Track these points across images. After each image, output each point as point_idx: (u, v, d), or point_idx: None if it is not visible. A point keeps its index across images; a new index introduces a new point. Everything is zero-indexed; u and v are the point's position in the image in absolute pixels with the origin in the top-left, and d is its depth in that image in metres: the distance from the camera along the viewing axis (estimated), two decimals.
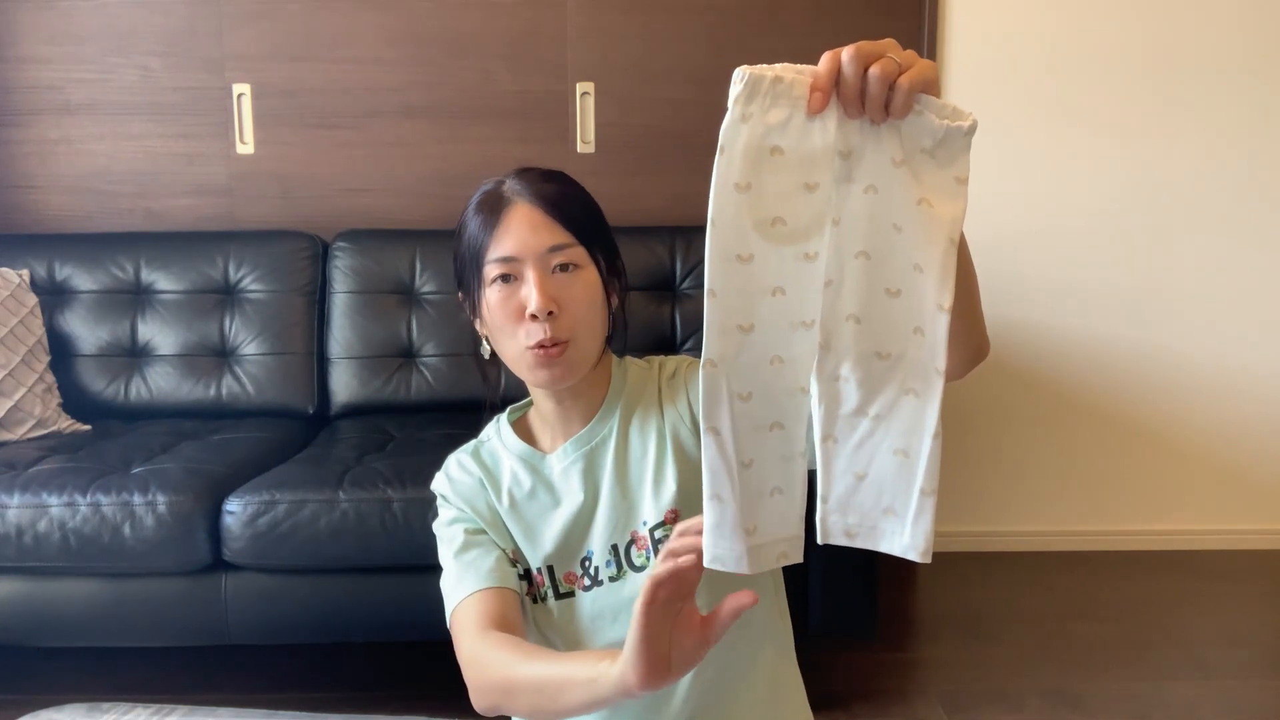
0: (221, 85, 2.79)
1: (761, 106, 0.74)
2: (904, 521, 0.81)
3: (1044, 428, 2.99)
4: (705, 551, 0.82)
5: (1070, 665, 2.34)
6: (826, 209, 0.77)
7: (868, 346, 0.80)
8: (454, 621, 1.09)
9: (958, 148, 0.75)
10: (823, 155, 0.76)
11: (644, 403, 1.14)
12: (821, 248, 0.78)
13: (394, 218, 2.80)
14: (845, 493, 0.82)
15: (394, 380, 2.58)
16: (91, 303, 2.61)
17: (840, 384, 0.81)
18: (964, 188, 0.76)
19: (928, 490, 0.80)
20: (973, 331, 0.89)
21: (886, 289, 0.78)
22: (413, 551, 1.99)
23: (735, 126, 0.75)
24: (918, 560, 0.81)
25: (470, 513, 1.14)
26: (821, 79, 0.73)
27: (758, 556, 0.83)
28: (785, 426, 0.82)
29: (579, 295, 1.06)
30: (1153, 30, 2.81)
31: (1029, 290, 2.89)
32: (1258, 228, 2.90)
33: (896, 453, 0.80)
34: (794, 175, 0.76)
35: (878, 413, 0.80)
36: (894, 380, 0.80)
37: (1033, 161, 2.86)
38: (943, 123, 0.75)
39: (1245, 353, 2.95)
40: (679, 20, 2.77)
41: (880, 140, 0.76)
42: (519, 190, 1.07)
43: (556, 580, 1.13)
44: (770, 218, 0.77)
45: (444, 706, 1.55)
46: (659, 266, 2.61)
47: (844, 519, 0.82)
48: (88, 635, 2.11)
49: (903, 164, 0.76)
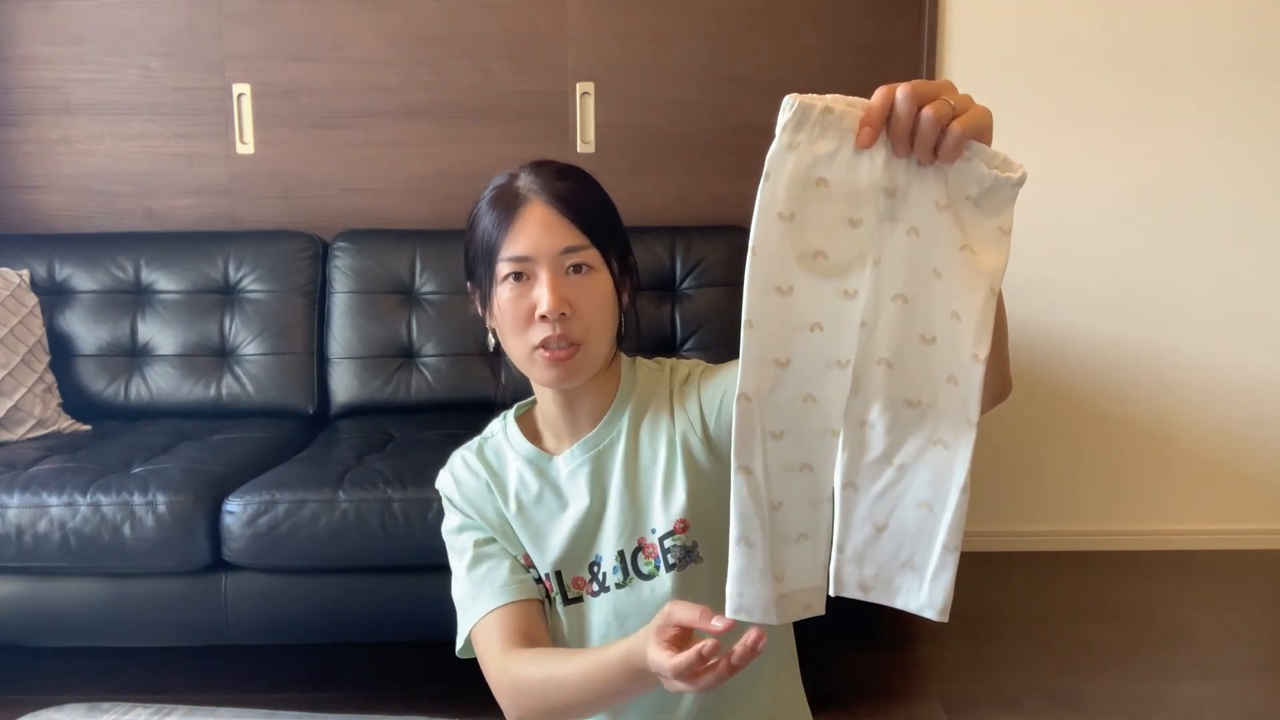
0: (221, 85, 2.78)
1: (810, 136, 0.72)
2: (923, 577, 0.78)
3: (1044, 428, 2.99)
4: (729, 601, 0.78)
5: (1070, 665, 2.34)
6: (869, 247, 0.75)
7: (898, 393, 0.77)
8: (475, 640, 1.09)
9: (1004, 198, 0.74)
10: (868, 191, 0.74)
11: (655, 406, 1.12)
12: (861, 285, 0.75)
13: (394, 218, 2.80)
14: (863, 543, 0.79)
15: (394, 380, 2.58)
16: (91, 303, 2.61)
17: (866, 429, 0.78)
18: (1007, 238, 0.74)
19: (950, 546, 0.77)
20: (1000, 372, 0.87)
21: (921, 335, 0.76)
22: (413, 551, 1.99)
23: (782, 154, 0.73)
24: (935, 619, 0.78)
25: (478, 519, 1.13)
26: (874, 114, 0.72)
27: (784, 606, 0.80)
28: (814, 469, 0.79)
29: (591, 297, 1.05)
30: (1153, 31, 2.80)
31: (1029, 290, 2.89)
32: (1258, 228, 2.90)
33: (920, 505, 0.78)
34: (838, 209, 0.74)
35: (903, 462, 0.78)
36: (923, 429, 0.78)
37: (1033, 161, 2.83)
38: (992, 172, 0.73)
39: (1245, 353, 2.95)
40: (679, 20, 2.77)
41: (926, 182, 0.74)
42: (535, 188, 1.06)
43: (565, 586, 1.12)
44: (813, 250, 0.75)
45: (444, 706, 1.55)
46: (659, 266, 2.61)
47: (860, 570, 0.79)
48: (88, 635, 2.11)
49: (947, 208, 0.74)
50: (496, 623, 1.06)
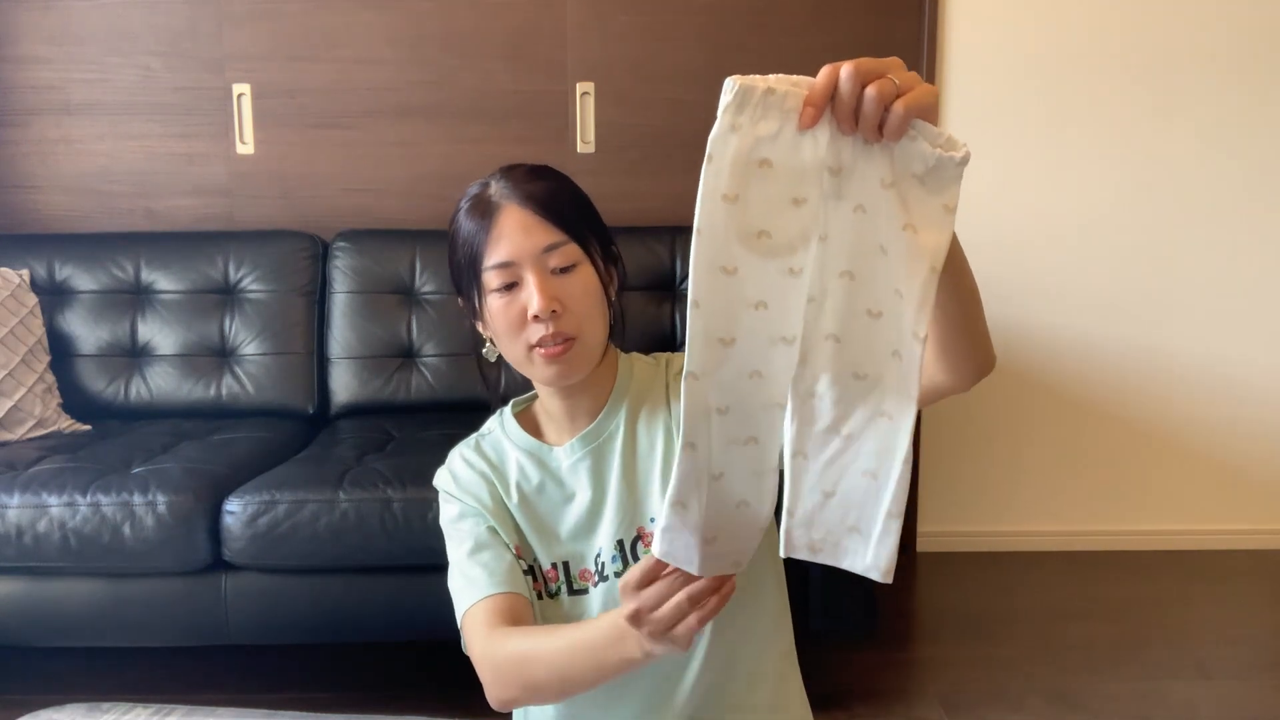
0: (221, 85, 2.79)
1: (751, 118, 0.73)
2: (868, 541, 0.81)
3: (1044, 428, 2.99)
4: (657, 545, 0.82)
5: (1070, 665, 2.34)
6: (813, 225, 0.76)
7: (845, 366, 0.79)
8: (465, 625, 1.08)
9: (948, 177, 0.74)
10: (812, 170, 0.74)
11: (651, 399, 1.14)
12: (806, 264, 0.76)
13: (394, 218, 2.80)
14: (812, 509, 0.81)
15: (394, 380, 2.58)
16: (91, 303, 2.61)
17: (815, 401, 0.80)
18: (951, 217, 0.75)
19: (894, 513, 0.80)
20: (978, 345, 0.88)
21: (868, 310, 0.78)
22: (413, 551, 1.99)
23: (724, 137, 0.73)
24: (879, 580, 0.81)
25: (475, 504, 1.13)
26: (817, 94, 0.72)
27: (711, 563, 0.84)
28: (760, 441, 0.81)
29: (579, 292, 1.06)
30: (1152, 31, 2.80)
31: (1028, 291, 2.89)
32: (1256, 228, 2.90)
33: (865, 474, 0.80)
34: (782, 188, 0.75)
35: (850, 432, 0.80)
36: (869, 401, 0.79)
37: (1033, 162, 2.86)
38: (935, 150, 0.74)
39: (1244, 353, 2.95)
40: (679, 20, 2.77)
41: (872, 159, 0.74)
42: (507, 192, 1.07)
43: (571, 576, 1.13)
44: (756, 230, 0.75)
45: (444, 706, 1.55)
46: (659, 266, 2.61)
47: (809, 534, 0.82)
48: (88, 635, 2.11)
49: (891, 186, 0.75)
50: (491, 607, 1.06)
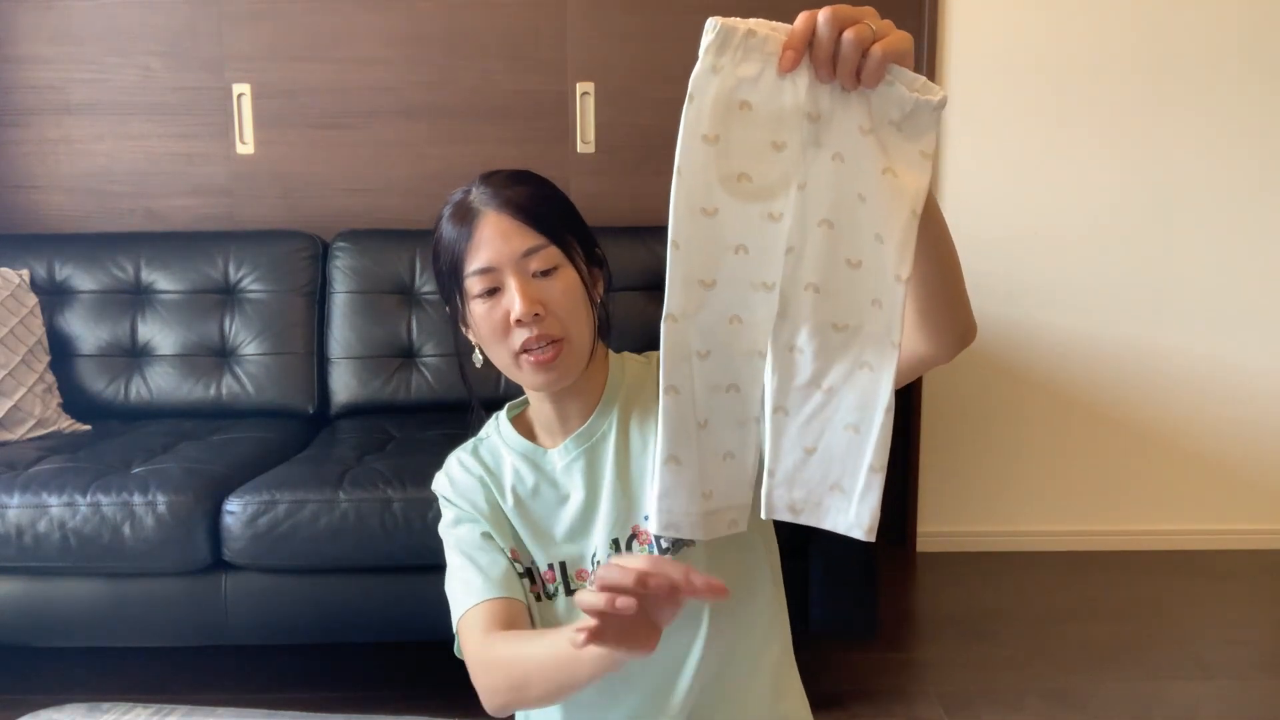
0: (221, 85, 2.78)
1: (733, 59, 0.73)
2: (850, 498, 0.80)
3: (1044, 428, 2.99)
4: (658, 518, 0.80)
5: (1070, 665, 2.34)
6: (793, 170, 0.76)
7: (825, 317, 0.78)
8: (460, 629, 1.09)
9: (926, 122, 0.75)
10: (791, 115, 0.74)
11: (644, 398, 1.14)
12: (786, 210, 0.76)
13: (394, 218, 2.80)
14: (793, 467, 0.80)
15: (394, 380, 2.58)
16: (91, 303, 2.61)
17: (795, 354, 0.79)
18: (929, 162, 0.75)
19: (877, 467, 0.79)
20: (958, 312, 0.88)
21: (848, 259, 0.77)
22: (413, 551, 1.99)
23: (705, 77, 0.73)
24: (862, 538, 0.80)
25: (472, 510, 1.14)
26: (795, 37, 0.72)
27: (711, 522, 0.82)
28: (741, 389, 0.80)
29: (561, 294, 1.06)
30: (1152, 30, 2.80)
31: (1028, 290, 2.88)
32: (1257, 227, 2.90)
33: (847, 428, 0.79)
34: (762, 132, 0.75)
35: (831, 385, 0.79)
36: (850, 353, 0.79)
37: (1033, 160, 2.85)
38: (913, 95, 0.74)
39: (1244, 352, 2.95)
40: (679, 20, 2.77)
41: (849, 107, 0.74)
42: (486, 199, 1.07)
43: (568, 577, 1.13)
44: (736, 173, 0.75)
45: (444, 706, 1.55)
46: (659, 266, 2.60)
47: (790, 493, 0.81)
48: (88, 635, 2.11)
49: (870, 133, 0.75)
50: (485, 612, 1.06)
